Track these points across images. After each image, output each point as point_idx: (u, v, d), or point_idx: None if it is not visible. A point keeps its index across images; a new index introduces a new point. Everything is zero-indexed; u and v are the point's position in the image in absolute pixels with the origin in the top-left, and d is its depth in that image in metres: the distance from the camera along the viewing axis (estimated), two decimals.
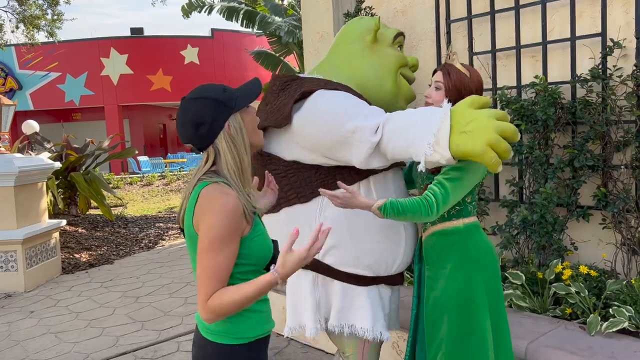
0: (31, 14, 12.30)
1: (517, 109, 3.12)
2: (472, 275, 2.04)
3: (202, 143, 1.51)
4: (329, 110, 2.06)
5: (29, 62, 20.35)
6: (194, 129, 1.49)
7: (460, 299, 2.03)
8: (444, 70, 2.12)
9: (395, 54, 2.36)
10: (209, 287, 1.42)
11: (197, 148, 1.53)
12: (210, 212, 1.43)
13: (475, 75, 2.13)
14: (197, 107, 1.50)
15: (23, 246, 5.55)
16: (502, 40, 3.42)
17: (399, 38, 2.38)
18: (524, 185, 3.26)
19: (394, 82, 2.30)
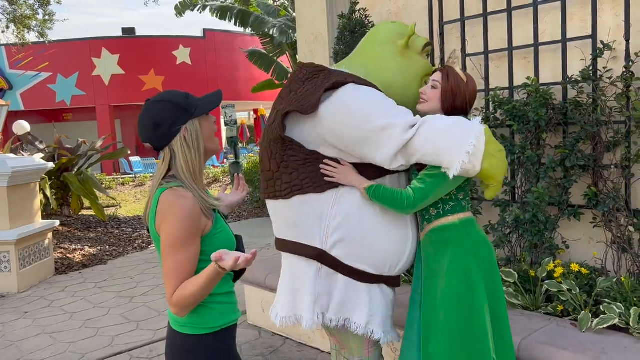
0: (22, 14, 12.23)
1: (509, 110, 3.16)
2: (470, 267, 2.09)
3: (159, 143, 1.60)
4: (360, 104, 2.10)
5: (20, 62, 20.20)
6: (153, 129, 1.59)
7: (460, 292, 2.08)
8: (443, 72, 2.18)
9: (423, 62, 2.41)
10: (174, 285, 1.53)
11: (154, 148, 1.62)
12: (169, 215, 1.53)
13: (472, 83, 2.20)
14: (158, 109, 1.60)
15: (16, 247, 5.54)
16: (494, 42, 3.47)
17: (427, 47, 2.44)
18: (517, 184, 3.32)
19: (417, 89, 2.34)
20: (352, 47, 3.76)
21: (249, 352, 3.73)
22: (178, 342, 1.64)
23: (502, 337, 2.18)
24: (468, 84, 2.18)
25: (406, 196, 2.05)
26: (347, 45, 3.76)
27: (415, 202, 2.05)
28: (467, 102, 2.17)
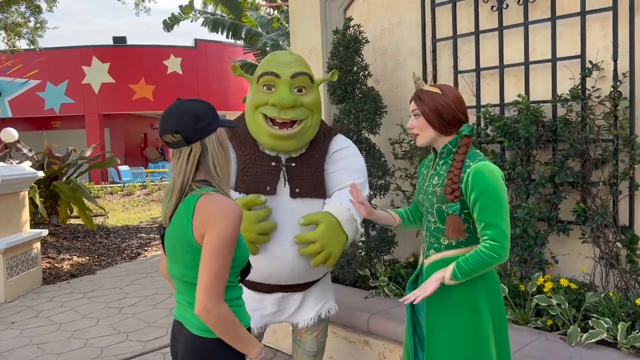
0: (13, 21, 12.20)
1: (500, 127, 3.23)
2: (479, 305, 1.97)
3: (194, 135, 1.58)
4: None
5: (9, 69, 20.08)
6: (193, 120, 1.58)
7: (469, 331, 1.97)
8: (415, 98, 2.03)
9: (254, 95, 2.53)
10: (221, 285, 1.54)
11: (184, 139, 1.57)
12: (220, 218, 1.52)
13: (449, 90, 2.01)
14: (199, 105, 1.63)
15: (4, 256, 5.48)
16: (486, 60, 3.54)
17: (262, 78, 2.51)
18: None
19: (252, 120, 2.52)
20: (345, 62, 3.82)
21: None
22: (198, 347, 1.64)
23: None
24: (445, 94, 1.98)
25: (493, 248, 1.84)
26: (341, 60, 3.81)
27: (505, 248, 1.85)
28: (455, 111, 1.97)
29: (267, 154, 2.54)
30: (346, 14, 4.32)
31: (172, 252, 1.66)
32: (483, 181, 1.86)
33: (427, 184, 2.05)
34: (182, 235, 1.59)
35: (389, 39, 4.07)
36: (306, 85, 2.52)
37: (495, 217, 1.85)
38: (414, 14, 3.88)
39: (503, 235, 1.84)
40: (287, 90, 2.46)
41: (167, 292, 5.56)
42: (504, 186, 1.90)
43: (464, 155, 1.94)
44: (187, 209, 1.57)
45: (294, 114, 2.45)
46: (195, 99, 1.67)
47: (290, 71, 2.48)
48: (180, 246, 1.61)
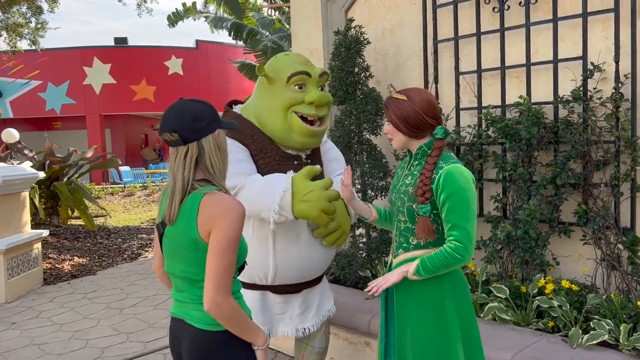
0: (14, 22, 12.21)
1: (501, 128, 3.22)
2: (445, 304, 2.01)
3: (191, 135, 1.62)
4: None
5: (10, 70, 20.10)
6: (192, 120, 1.61)
7: (434, 329, 2.01)
8: (385, 106, 2.09)
9: (286, 95, 2.54)
10: (229, 280, 1.58)
11: (181, 138, 1.61)
12: (225, 216, 1.56)
13: (417, 95, 2.03)
14: (199, 106, 1.66)
15: (5, 256, 5.48)
16: (487, 61, 3.54)
17: (294, 78, 2.53)
18: (508, 201, 3.37)
19: (283, 121, 2.53)
20: (347, 63, 3.82)
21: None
22: (204, 341, 1.66)
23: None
24: (411, 99, 2.01)
25: (457, 249, 1.89)
26: (343, 62, 3.81)
27: (468, 250, 1.90)
28: (422, 115, 1.99)
29: (289, 153, 2.60)
30: (347, 15, 4.32)
31: (174, 250, 1.67)
32: (453, 183, 1.91)
33: (400, 184, 2.11)
34: (186, 233, 1.61)
35: (390, 40, 4.07)
36: (324, 84, 2.66)
37: (461, 219, 1.91)
38: (415, 15, 3.88)
39: (468, 237, 1.90)
40: (317, 89, 2.56)
41: (168, 293, 5.55)
42: (473, 190, 1.95)
43: (437, 158, 2.00)
44: (192, 208, 1.59)
45: (326, 111, 2.61)
46: (197, 99, 1.69)
47: (318, 70, 2.59)
48: (185, 244, 1.63)
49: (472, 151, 3.48)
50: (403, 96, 2.03)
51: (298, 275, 2.56)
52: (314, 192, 2.22)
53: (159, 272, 1.89)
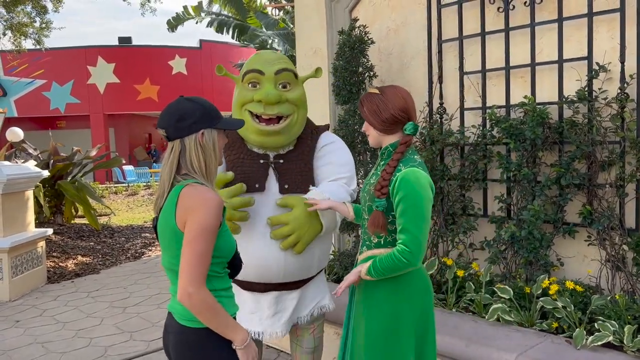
0: (19, 21, 12.24)
1: (506, 128, 3.21)
2: (400, 308, 2.00)
3: (174, 134, 1.70)
4: None
5: (15, 69, 20.17)
6: (176, 120, 1.69)
7: (385, 331, 2.00)
8: (360, 103, 2.09)
9: (240, 93, 2.56)
10: (201, 270, 1.60)
11: (166, 136, 1.71)
12: (199, 206, 1.61)
13: (389, 90, 2.04)
14: (189, 106, 1.72)
15: (9, 255, 5.50)
16: (492, 61, 3.53)
17: (247, 76, 2.53)
18: (512, 202, 3.36)
19: (241, 118, 2.53)
20: (351, 62, 3.82)
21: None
22: (185, 337, 1.68)
23: None
24: (383, 93, 2.03)
25: (402, 253, 1.90)
26: (347, 61, 3.81)
27: (414, 254, 1.90)
28: (392, 109, 2.00)
29: (255, 152, 2.57)
30: (351, 15, 4.31)
31: (162, 242, 1.73)
32: (407, 187, 1.92)
33: (367, 183, 2.13)
34: (168, 224, 1.67)
35: (394, 40, 4.07)
36: (290, 82, 2.56)
37: (411, 223, 1.91)
38: (420, 15, 3.87)
39: (415, 242, 1.89)
40: (272, 87, 2.50)
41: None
42: (428, 195, 1.95)
43: (401, 155, 2.01)
44: (172, 199, 1.67)
45: (280, 110, 2.49)
46: (194, 98, 1.75)
47: (274, 68, 2.52)
48: (167, 235, 1.69)
49: (476, 151, 3.47)
50: (376, 90, 2.06)
51: (256, 273, 2.50)
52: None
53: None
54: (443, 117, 3.72)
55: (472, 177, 3.52)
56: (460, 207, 3.59)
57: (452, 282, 3.32)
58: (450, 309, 3.22)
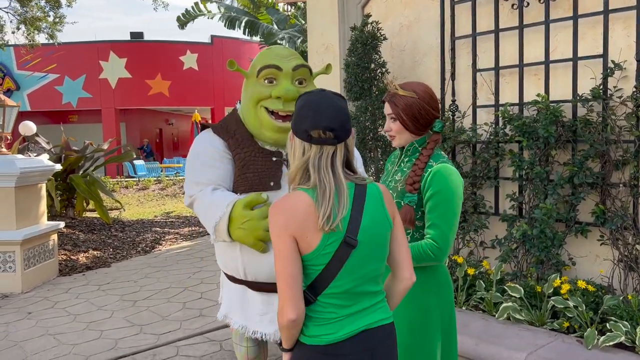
0: (33, 15, 12.34)
1: (519, 126, 3.19)
2: (428, 302, 2.00)
3: (343, 135, 1.54)
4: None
5: (28, 63, 20.34)
6: (345, 119, 1.55)
7: (414, 324, 2.00)
8: (390, 102, 2.04)
9: (254, 89, 2.50)
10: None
11: (336, 137, 1.52)
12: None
13: (423, 91, 2.02)
14: (345, 103, 1.62)
15: (22, 247, 5.56)
16: (505, 58, 3.51)
17: (263, 72, 2.47)
18: (524, 200, 3.34)
19: (254, 116, 2.48)
20: (363, 58, 3.81)
21: None
22: (393, 333, 1.65)
23: None
24: (420, 95, 2.00)
25: (430, 248, 1.90)
26: (359, 57, 3.80)
27: (442, 250, 1.90)
28: (430, 111, 2.01)
29: (267, 149, 2.51)
30: (364, 11, 4.31)
31: (373, 250, 1.55)
32: (440, 182, 1.91)
33: (390, 180, 2.10)
34: (385, 224, 1.58)
35: (407, 37, 4.05)
36: (306, 78, 2.52)
37: (441, 219, 1.91)
38: (433, 12, 3.85)
39: (443, 238, 1.90)
40: (289, 83, 2.45)
41: (181, 286, 5.60)
42: (460, 192, 1.94)
43: (432, 151, 2.00)
44: (376, 199, 1.58)
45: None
46: (336, 93, 1.60)
47: (292, 64, 2.47)
48: (384, 237, 1.59)
49: (488, 149, 3.46)
50: (411, 93, 2.01)
51: (269, 274, 2.43)
52: (251, 222, 2.22)
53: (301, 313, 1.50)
54: (455, 115, 3.70)
55: (484, 175, 3.51)
56: (471, 205, 3.58)
57: (463, 280, 3.31)
58: (460, 306, 3.21)
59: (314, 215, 1.47)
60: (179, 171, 19.39)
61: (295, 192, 1.53)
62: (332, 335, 1.51)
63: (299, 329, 1.52)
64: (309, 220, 1.47)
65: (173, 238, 8.42)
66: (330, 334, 1.51)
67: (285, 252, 1.47)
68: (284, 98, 2.41)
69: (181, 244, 7.99)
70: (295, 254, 1.48)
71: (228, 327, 4.38)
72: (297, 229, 1.47)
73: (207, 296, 5.24)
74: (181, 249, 7.65)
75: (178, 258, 7.02)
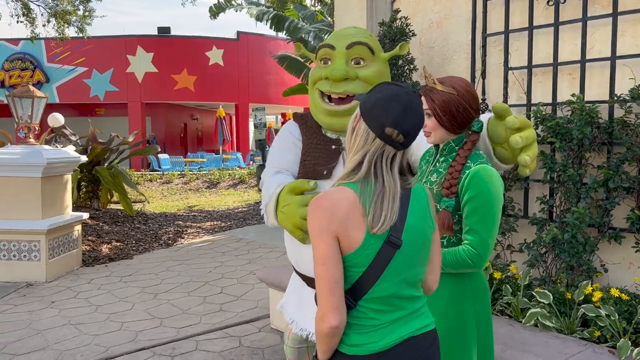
0: (63, 9, 12.53)
1: (552, 127, 3.08)
2: (464, 308, 1.93)
3: (410, 144, 1.47)
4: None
5: (58, 56, 20.70)
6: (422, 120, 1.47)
7: (450, 330, 1.93)
8: (426, 96, 1.93)
9: (313, 72, 2.37)
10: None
11: (403, 144, 1.44)
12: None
13: (464, 89, 1.91)
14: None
15: (47, 237, 5.63)
16: (538, 57, 3.39)
17: (319, 53, 2.32)
18: (555, 203, 3.23)
19: (311, 100, 2.37)
20: None
21: (271, 357, 3.70)
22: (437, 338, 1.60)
23: None
24: (458, 92, 1.89)
25: (469, 254, 1.82)
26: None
27: (482, 257, 1.81)
28: (469, 110, 1.91)
29: (328, 136, 2.36)
30: (393, 6, 4.22)
31: (417, 252, 1.47)
32: (479, 185, 1.81)
33: (425, 180, 2.00)
34: (430, 225, 1.51)
35: (436, 33, 3.96)
36: (365, 57, 2.28)
37: (480, 224, 1.81)
38: (464, 8, 3.75)
39: (483, 245, 1.81)
40: (342, 62, 2.25)
41: (202, 280, 5.61)
42: (500, 195, 1.84)
43: (470, 152, 1.90)
44: (421, 197, 1.51)
45: (347, 88, 2.23)
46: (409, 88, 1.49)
47: (347, 42, 2.27)
48: (428, 238, 1.51)
49: None
50: (450, 89, 1.90)
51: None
52: (290, 207, 2.09)
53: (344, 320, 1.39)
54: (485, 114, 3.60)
55: (513, 176, 3.40)
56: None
57: (489, 284, 3.21)
58: None
59: (357, 212, 1.37)
60: (202, 166, 19.54)
61: (338, 188, 1.42)
62: (376, 344, 1.40)
63: (340, 337, 1.40)
64: (353, 217, 1.37)
65: (195, 232, 8.46)
66: (373, 343, 1.40)
67: (327, 253, 1.36)
68: (331, 78, 2.25)
69: (203, 238, 8.02)
70: (337, 254, 1.37)
71: (248, 323, 4.38)
72: (340, 227, 1.36)
73: (227, 291, 5.23)
74: (203, 243, 7.68)
75: (199, 252, 7.05)
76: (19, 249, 5.63)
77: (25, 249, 5.63)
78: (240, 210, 10.81)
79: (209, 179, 15.56)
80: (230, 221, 9.43)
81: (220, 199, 12.63)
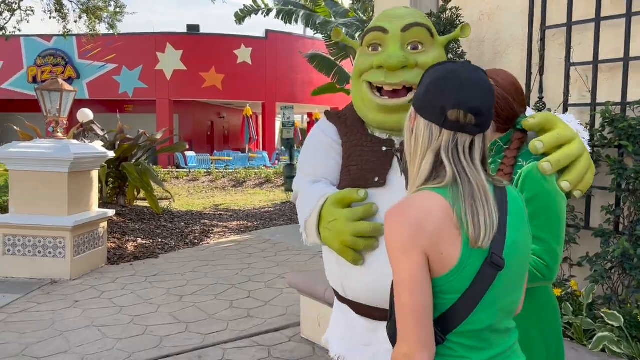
0: (94, 5, 12.53)
1: (623, 129, 2.77)
2: (530, 335, 1.68)
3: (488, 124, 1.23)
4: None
5: (88, 53, 20.87)
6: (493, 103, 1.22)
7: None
8: None
9: (358, 61, 2.01)
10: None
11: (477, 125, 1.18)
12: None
13: (507, 82, 1.73)
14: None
15: (72, 233, 5.49)
16: (604, 51, 3.08)
17: (366, 38, 1.96)
18: (623, 214, 2.91)
19: (356, 94, 2.02)
20: None
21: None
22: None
23: None
24: (501, 85, 1.72)
25: (536, 266, 1.57)
26: None
27: (551, 269, 1.57)
28: (512, 103, 1.72)
29: (376, 136, 1.99)
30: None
31: (517, 274, 1.21)
32: (535, 185, 1.55)
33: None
34: (529, 241, 1.25)
35: (488, 26, 3.67)
36: (424, 41, 1.92)
37: (544, 230, 1.53)
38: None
39: (552, 253, 1.54)
40: (397, 47, 1.88)
41: (229, 283, 5.40)
42: (561, 194, 1.57)
43: (517, 152, 1.70)
44: (519, 206, 1.23)
45: (405, 77, 1.86)
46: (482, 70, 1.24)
47: (402, 23, 1.89)
48: (528, 257, 1.25)
49: None
50: (492, 81, 1.64)
51: (372, 295, 1.91)
52: (337, 222, 1.80)
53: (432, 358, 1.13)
54: None
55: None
56: None
57: None
58: None
59: (451, 224, 1.10)
60: (228, 164, 19.47)
61: (422, 194, 1.14)
62: None
63: None
64: (446, 230, 1.10)
65: (221, 231, 8.28)
66: None
67: (415, 275, 1.09)
68: (385, 66, 1.87)
69: (229, 238, 7.83)
70: (427, 276, 1.10)
71: (277, 331, 4.15)
72: (430, 243, 1.09)
73: (255, 295, 5.01)
74: (229, 243, 7.49)
75: (226, 253, 6.85)
76: (44, 245, 5.50)
77: (51, 245, 5.50)
78: (267, 210, 10.61)
79: (235, 177, 15.43)
80: (256, 221, 9.23)
81: (246, 198, 12.47)
